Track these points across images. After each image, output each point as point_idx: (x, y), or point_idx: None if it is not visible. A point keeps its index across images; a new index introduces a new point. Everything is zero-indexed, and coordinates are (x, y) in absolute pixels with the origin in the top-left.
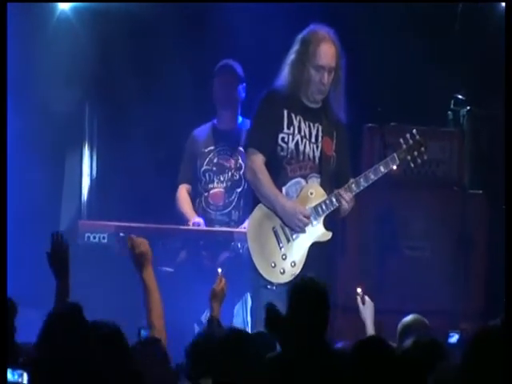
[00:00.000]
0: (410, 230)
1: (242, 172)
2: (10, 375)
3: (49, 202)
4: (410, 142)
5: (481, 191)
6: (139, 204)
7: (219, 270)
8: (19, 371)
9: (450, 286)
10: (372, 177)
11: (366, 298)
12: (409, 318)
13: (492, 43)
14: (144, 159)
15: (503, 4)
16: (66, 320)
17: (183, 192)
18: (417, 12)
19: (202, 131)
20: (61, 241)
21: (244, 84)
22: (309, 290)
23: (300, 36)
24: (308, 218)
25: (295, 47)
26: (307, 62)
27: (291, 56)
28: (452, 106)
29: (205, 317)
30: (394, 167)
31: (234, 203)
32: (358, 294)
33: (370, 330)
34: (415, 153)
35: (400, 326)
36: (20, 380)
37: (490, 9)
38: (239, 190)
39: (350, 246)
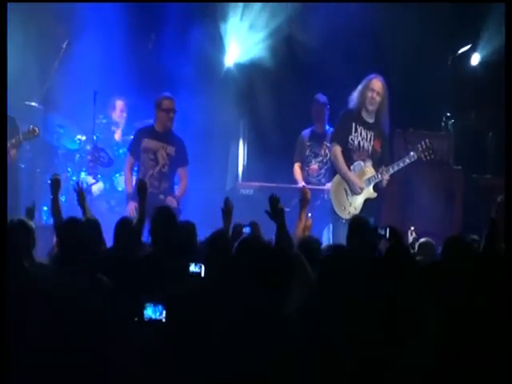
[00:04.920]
0: (420, 190)
1: (327, 158)
2: None
3: (219, 172)
4: (424, 146)
5: (460, 167)
6: (270, 174)
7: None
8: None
9: (441, 220)
10: (401, 164)
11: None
12: (423, 239)
13: (473, 76)
14: (274, 149)
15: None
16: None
17: (297, 167)
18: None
19: (307, 133)
20: (229, 203)
21: (328, 106)
22: (360, 220)
23: (365, 79)
24: (362, 188)
25: (363, 83)
26: (366, 90)
27: (359, 87)
28: (444, 119)
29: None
30: (413, 159)
31: (322, 174)
32: (411, 230)
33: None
34: (426, 153)
35: (418, 243)
36: None
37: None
38: (326, 167)
39: (388, 201)
